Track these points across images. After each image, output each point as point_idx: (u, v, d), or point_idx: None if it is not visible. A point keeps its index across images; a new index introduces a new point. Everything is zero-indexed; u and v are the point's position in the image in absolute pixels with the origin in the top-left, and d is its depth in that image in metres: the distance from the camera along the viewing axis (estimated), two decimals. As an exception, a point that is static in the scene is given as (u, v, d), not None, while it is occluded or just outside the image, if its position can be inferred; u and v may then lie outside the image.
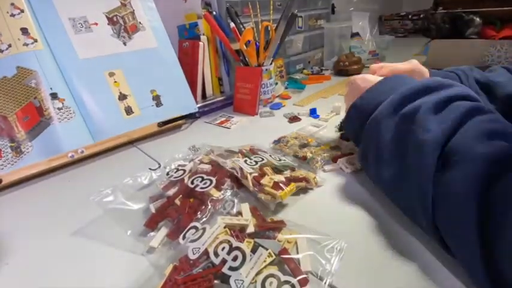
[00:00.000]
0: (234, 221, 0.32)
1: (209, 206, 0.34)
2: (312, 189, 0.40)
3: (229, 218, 0.32)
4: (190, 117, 0.68)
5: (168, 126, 0.63)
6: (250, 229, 0.31)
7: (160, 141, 0.61)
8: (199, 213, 0.34)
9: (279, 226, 0.32)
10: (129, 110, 0.58)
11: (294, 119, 0.65)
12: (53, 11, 0.54)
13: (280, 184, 0.37)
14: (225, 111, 0.76)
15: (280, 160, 0.43)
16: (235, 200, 0.36)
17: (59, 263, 0.32)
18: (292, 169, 0.41)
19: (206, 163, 0.43)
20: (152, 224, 0.35)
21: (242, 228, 0.31)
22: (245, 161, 0.41)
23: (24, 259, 0.33)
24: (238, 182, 0.39)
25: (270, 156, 0.43)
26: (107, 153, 0.56)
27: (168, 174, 0.42)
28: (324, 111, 0.66)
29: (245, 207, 0.34)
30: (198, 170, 0.41)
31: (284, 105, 0.75)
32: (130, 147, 0.59)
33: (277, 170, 0.40)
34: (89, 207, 0.39)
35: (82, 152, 0.52)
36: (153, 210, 0.36)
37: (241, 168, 0.39)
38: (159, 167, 0.48)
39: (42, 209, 0.42)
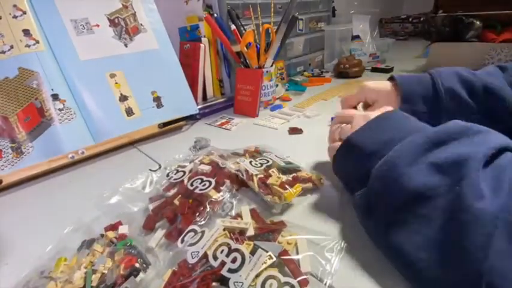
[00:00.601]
0: (233, 224, 0.31)
1: (208, 208, 0.34)
2: (318, 189, 0.40)
3: (228, 220, 0.32)
4: (191, 118, 0.68)
5: (169, 128, 0.63)
6: (250, 232, 0.31)
7: (160, 142, 0.61)
8: (197, 214, 0.34)
9: (279, 228, 0.31)
10: (129, 111, 0.58)
11: (294, 130, 0.60)
12: (55, 12, 0.54)
13: (286, 185, 0.37)
14: (226, 112, 0.76)
15: (286, 161, 0.43)
16: (234, 202, 0.36)
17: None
18: (298, 170, 0.41)
19: (206, 164, 0.43)
20: (150, 225, 0.35)
21: (242, 231, 0.31)
22: (250, 163, 0.41)
23: (24, 259, 0.33)
24: (237, 184, 0.39)
25: (276, 156, 0.43)
26: (107, 154, 0.57)
27: (168, 175, 0.42)
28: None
29: (245, 210, 0.34)
30: (198, 171, 0.41)
31: (284, 107, 0.75)
32: (130, 148, 0.59)
33: (283, 171, 0.40)
34: (89, 208, 0.39)
35: (83, 152, 0.52)
36: (150, 211, 0.36)
37: (246, 170, 0.39)
38: (159, 168, 0.48)
39: (42, 210, 0.42)
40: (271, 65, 0.74)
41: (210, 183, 0.37)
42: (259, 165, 0.40)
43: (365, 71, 1.02)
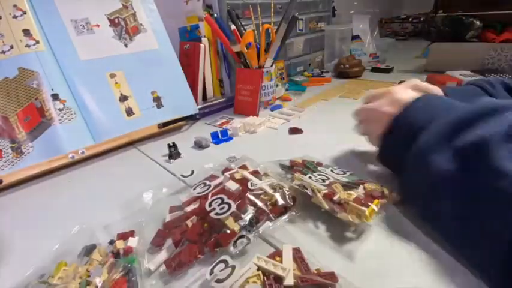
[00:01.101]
0: (269, 267, 0.26)
1: (217, 241, 0.29)
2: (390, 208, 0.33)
3: (265, 259, 0.26)
4: (191, 118, 0.68)
5: (169, 128, 0.63)
6: (289, 281, 0.24)
7: (160, 142, 0.61)
8: (204, 248, 0.30)
9: (328, 282, 0.24)
10: (129, 111, 0.58)
11: (294, 130, 0.60)
12: (55, 12, 0.54)
13: (362, 201, 0.30)
14: (226, 112, 0.76)
15: (345, 174, 0.37)
16: (251, 237, 0.30)
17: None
18: (362, 183, 0.34)
19: (237, 180, 0.37)
20: (158, 241, 0.32)
21: (278, 277, 0.25)
22: (309, 178, 0.35)
23: (24, 260, 0.33)
24: (261, 214, 0.32)
25: (331, 170, 0.38)
26: (107, 154, 0.57)
27: (193, 187, 0.37)
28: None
29: (287, 250, 0.27)
30: (225, 187, 0.36)
31: (284, 107, 0.75)
32: (130, 148, 0.59)
33: (347, 187, 0.34)
34: (89, 208, 0.39)
35: (83, 152, 0.52)
36: (161, 226, 0.34)
37: (310, 187, 0.34)
38: (192, 174, 0.44)
39: (42, 210, 0.42)
40: (271, 65, 0.74)
41: (230, 206, 0.31)
42: (320, 180, 0.35)
43: (365, 71, 1.02)
